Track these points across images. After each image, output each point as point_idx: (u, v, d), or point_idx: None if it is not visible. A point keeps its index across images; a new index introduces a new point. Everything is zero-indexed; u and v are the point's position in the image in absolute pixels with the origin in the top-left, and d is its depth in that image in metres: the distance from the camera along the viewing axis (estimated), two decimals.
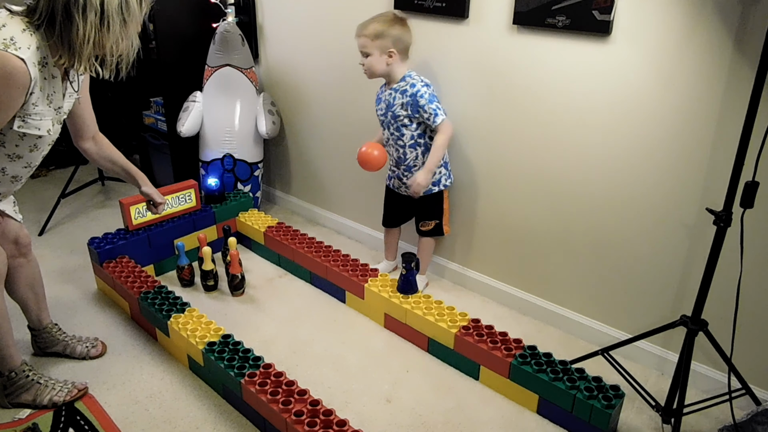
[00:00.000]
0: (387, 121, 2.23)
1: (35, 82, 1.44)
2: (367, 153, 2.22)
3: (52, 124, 1.59)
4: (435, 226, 2.36)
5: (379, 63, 2.12)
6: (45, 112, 1.54)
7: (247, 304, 2.41)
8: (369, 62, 2.13)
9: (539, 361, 1.82)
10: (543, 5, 1.90)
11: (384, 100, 2.22)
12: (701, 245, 1.83)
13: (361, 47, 2.13)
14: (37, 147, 1.61)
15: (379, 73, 2.16)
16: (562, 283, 2.23)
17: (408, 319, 2.14)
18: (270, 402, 1.66)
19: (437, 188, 2.29)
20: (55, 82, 1.54)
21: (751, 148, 1.47)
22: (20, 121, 1.49)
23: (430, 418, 1.84)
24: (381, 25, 2.08)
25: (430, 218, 2.35)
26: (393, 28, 2.09)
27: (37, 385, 1.83)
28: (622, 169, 1.93)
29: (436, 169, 2.18)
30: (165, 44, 2.94)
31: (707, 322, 1.66)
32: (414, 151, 2.22)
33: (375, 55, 2.11)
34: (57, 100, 1.58)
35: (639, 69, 1.80)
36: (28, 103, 1.47)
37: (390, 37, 2.09)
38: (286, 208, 3.34)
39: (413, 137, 2.19)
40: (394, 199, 2.45)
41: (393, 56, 2.12)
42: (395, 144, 2.23)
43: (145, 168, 3.50)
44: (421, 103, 2.11)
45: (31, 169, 1.69)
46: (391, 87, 2.19)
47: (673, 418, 1.69)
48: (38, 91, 1.48)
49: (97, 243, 2.38)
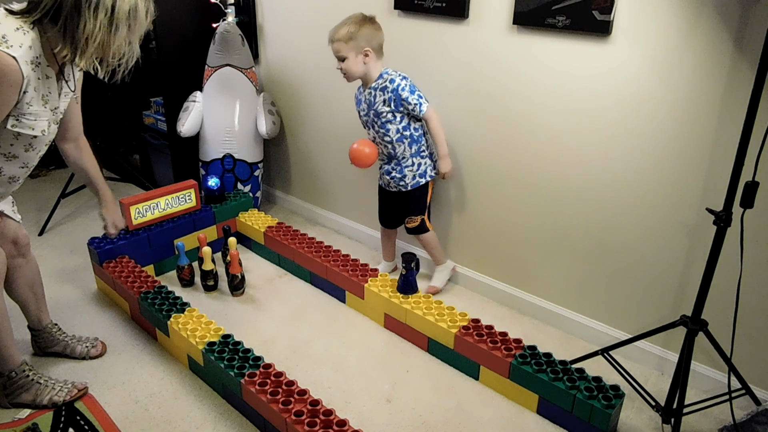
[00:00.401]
0: (370, 120, 2.25)
1: (28, 81, 1.44)
2: (358, 150, 2.25)
3: (48, 125, 1.58)
4: (420, 222, 2.38)
5: (356, 64, 2.14)
6: (40, 112, 1.53)
7: (247, 304, 2.41)
8: (346, 65, 2.15)
9: (539, 361, 1.82)
10: (543, 5, 1.90)
11: (365, 101, 2.25)
12: (701, 245, 1.83)
13: (336, 52, 2.14)
14: (32, 147, 1.61)
15: (358, 75, 2.18)
16: (563, 283, 2.23)
17: (408, 319, 2.14)
18: (270, 402, 1.66)
19: (424, 180, 2.31)
20: (50, 82, 1.53)
21: (751, 148, 1.47)
22: (14, 120, 1.49)
23: (430, 418, 1.84)
24: (352, 27, 2.10)
25: (416, 213, 2.37)
26: (364, 27, 2.11)
27: (37, 385, 1.83)
28: (622, 169, 1.93)
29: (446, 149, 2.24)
30: (165, 44, 2.95)
31: (707, 322, 1.66)
32: (402, 144, 2.24)
33: (351, 57, 2.13)
34: (53, 101, 1.58)
35: (639, 69, 1.80)
36: (22, 102, 1.46)
37: (363, 37, 2.11)
38: (286, 208, 3.34)
39: (398, 131, 2.22)
40: (384, 197, 2.46)
41: (369, 55, 2.14)
42: (382, 141, 2.26)
43: (145, 168, 3.51)
44: (404, 96, 2.15)
45: (28, 170, 1.69)
46: (369, 86, 2.22)
47: (673, 418, 1.69)
48: (32, 91, 1.47)
49: (97, 243, 2.38)
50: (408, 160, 2.26)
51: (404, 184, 2.31)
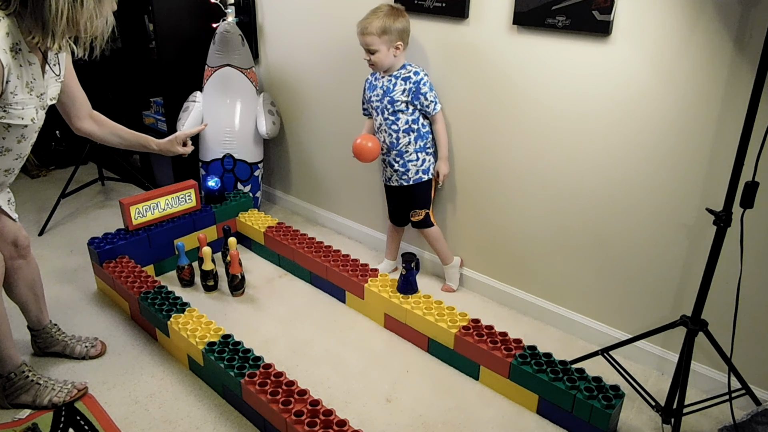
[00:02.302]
0: (382, 106, 2.26)
1: (9, 69, 1.42)
2: (361, 145, 2.27)
3: (36, 112, 1.57)
4: (425, 216, 2.39)
5: (387, 57, 2.16)
6: (26, 100, 1.52)
7: (247, 304, 2.41)
8: (377, 58, 2.16)
9: (539, 361, 1.82)
10: (543, 5, 1.90)
11: (381, 87, 2.25)
12: (701, 245, 1.83)
13: (367, 45, 2.14)
14: (24, 137, 1.61)
15: (387, 66, 2.20)
16: (562, 283, 2.23)
17: (408, 319, 2.14)
18: (270, 402, 1.66)
19: (427, 176, 2.33)
20: (33, 68, 1.52)
21: (751, 148, 1.47)
22: (2, 112, 1.48)
23: (430, 418, 1.84)
24: (385, 21, 2.11)
25: (421, 207, 2.38)
26: (397, 21, 2.13)
27: (37, 386, 1.83)
28: (622, 168, 1.93)
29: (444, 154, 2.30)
30: (165, 44, 2.95)
31: (707, 322, 1.66)
32: (407, 136, 2.25)
33: (383, 50, 2.14)
34: (38, 87, 1.56)
35: (639, 69, 1.80)
36: (6, 92, 1.45)
37: (396, 31, 2.13)
38: (286, 208, 3.34)
39: (408, 122, 2.23)
40: (389, 193, 2.47)
41: (400, 48, 2.17)
42: (389, 129, 2.26)
43: (145, 168, 3.51)
44: (423, 91, 2.19)
45: (22, 160, 1.69)
46: (390, 74, 2.23)
47: (673, 418, 1.69)
48: (15, 79, 1.46)
49: (97, 243, 2.38)
50: (413, 155, 2.28)
51: (406, 179, 2.32)
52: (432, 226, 2.41)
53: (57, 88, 1.67)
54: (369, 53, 2.16)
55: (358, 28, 2.15)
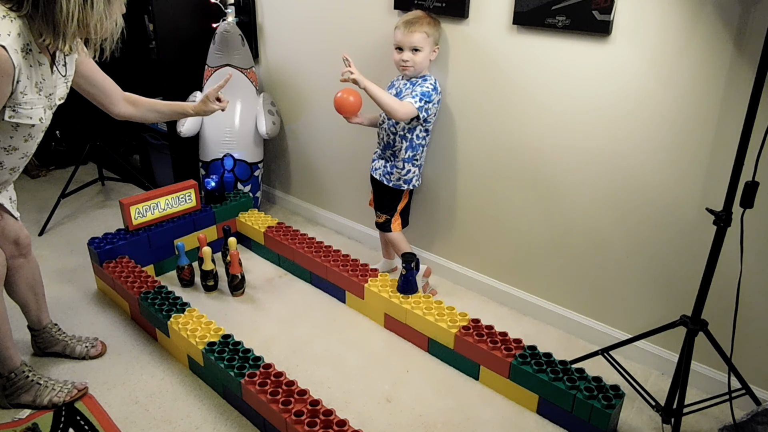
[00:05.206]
0: None
1: (20, 69, 1.43)
2: (342, 98, 2.17)
3: (44, 111, 1.57)
4: (384, 221, 2.38)
5: (426, 59, 2.14)
6: (35, 100, 1.52)
7: (247, 304, 2.41)
8: (420, 58, 2.11)
9: (539, 361, 1.82)
10: (543, 5, 1.90)
11: (396, 87, 2.24)
12: (701, 245, 1.83)
13: (415, 43, 2.08)
14: (31, 136, 1.61)
15: (422, 69, 2.16)
16: (562, 283, 2.23)
17: (408, 319, 2.14)
18: (270, 402, 1.66)
19: (406, 186, 2.31)
20: (43, 69, 1.52)
21: (751, 148, 1.47)
22: (11, 111, 1.48)
23: (430, 418, 1.84)
24: (431, 22, 2.11)
25: (383, 211, 2.38)
26: (438, 26, 2.15)
27: (37, 386, 1.83)
28: (622, 168, 1.93)
29: (374, 90, 2.02)
30: (165, 44, 2.94)
31: (707, 322, 1.66)
32: (403, 142, 2.23)
33: (426, 50, 2.12)
34: (47, 87, 1.56)
35: (639, 69, 1.80)
36: (16, 92, 1.45)
37: (437, 34, 2.15)
38: (286, 208, 3.34)
39: (405, 128, 2.21)
40: (373, 182, 2.42)
41: (436, 52, 2.16)
42: (389, 129, 2.25)
43: (145, 168, 3.51)
44: (416, 89, 2.13)
45: (28, 159, 1.69)
46: (409, 80, 2.20)
47: (673, 418, 1.69)
48: (25, 79, 1.46)
49: (97, 243, 2.38)
50: (400, 162, 2.26)
51: (387, 179, 2.31)
52: (391, 232, 2.40)
53: (65, 89, 1.68)
54: (412, 51, 2.10)
55: (403, 26, 2.09)
